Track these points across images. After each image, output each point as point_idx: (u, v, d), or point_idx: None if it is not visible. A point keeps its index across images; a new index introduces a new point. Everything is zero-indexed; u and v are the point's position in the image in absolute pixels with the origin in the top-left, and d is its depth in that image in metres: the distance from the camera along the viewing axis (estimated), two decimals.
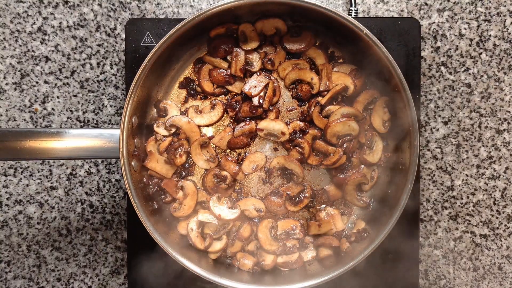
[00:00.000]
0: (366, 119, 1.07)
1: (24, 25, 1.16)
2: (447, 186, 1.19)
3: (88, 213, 1.20)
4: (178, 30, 0.94)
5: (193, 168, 1.09)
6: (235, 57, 1.06)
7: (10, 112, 1.17)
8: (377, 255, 1.05)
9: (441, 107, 1.18)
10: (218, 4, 0.94)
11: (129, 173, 0.96)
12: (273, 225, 1.07)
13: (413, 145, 0.96)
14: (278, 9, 1.01)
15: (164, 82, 1.08)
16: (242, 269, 1.06)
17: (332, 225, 1.08)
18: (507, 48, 1.17)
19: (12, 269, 1.20)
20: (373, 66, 1.01)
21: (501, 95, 1.17)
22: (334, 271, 0.97)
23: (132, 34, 1.07)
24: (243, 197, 1.09)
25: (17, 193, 1.18)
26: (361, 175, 1.07)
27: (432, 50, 1.17)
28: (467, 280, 1.20)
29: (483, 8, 1.17)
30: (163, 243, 0.97)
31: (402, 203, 0.96)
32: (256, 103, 1.05)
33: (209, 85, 1.09)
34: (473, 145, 1.18)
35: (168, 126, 1.05)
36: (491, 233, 1.19)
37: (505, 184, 1.18)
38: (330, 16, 0.94)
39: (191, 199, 1.06)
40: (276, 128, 1.06)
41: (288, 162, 1.06)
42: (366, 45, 0.96)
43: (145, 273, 1.10)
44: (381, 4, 1.17)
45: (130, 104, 0.95)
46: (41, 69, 1.17)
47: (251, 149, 1.10)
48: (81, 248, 1.20)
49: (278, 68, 1.08)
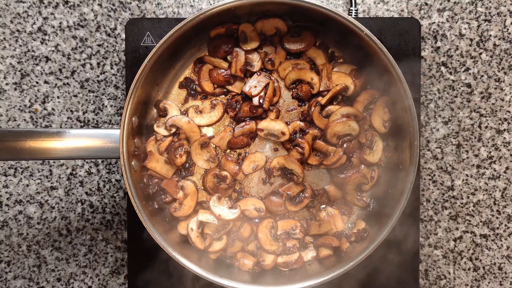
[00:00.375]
0: (366, 119, 1.07)
1: (24, 25, 1.16)
2: (447, 186, 1.19)
3: (88, 213, 1.20)
4: (178, 30, 0.94)
5: (193, 168, 1.09)
6: (235, 57, 1.06)
7: (10, 112, 1.17)
8: (377, 255, 1.05)
9: (441, 107, 1.18)
10: (218, 4, 0.94)
11: (129, 173, 0.96)
12: (273, 225, 1.07)
13: (413, 145, 0.96)
14: (278, 9, 1.01)
15: (164, 82, 1.08)
16: (242, 269, 1.06)
17: (332, 225, 1.08)
18: (507, 48, 1.17)
19: (12, 269, 1.20)
20: (373, 66, 1.01)
21: (501, 95, 1.17)
22: (334, 271, 0.97)
23: (132, 34, 1.07)
24: (243, 197, 1.09)
25: (17, 193, 1.18)
26: (361, 175, 1.07)
27: (432, 50, 1.17)
28: (467, 280, 1.20)
29: (483, 8, 1.17)
30: (163, 243, 0.97)
31: (402, 203, 0.96)
32: (256, 103, 1.05)
33: (209, 85, 1.09)
34: (473, 145, 1.18)
35: (168, 126, 1.05)
36: (491, 233, 1.19)
37: (505, 184, 1.18)
38: (330, 16, 0.94)
39: (191, 199, 1.06)
40: (276, 128, 1.06)
41: (288, 162, 1.06)
42: (366, 45, 0.95)
43: (145, 273, 1.10)
44: (381, 4, 1.17)
45: (130, 104, 0.95)
46: (41, 69, 1.17)
47: (251, 149, 1.10)
48: (81, 248, 1.20)
49: (278, 68, 1.08)
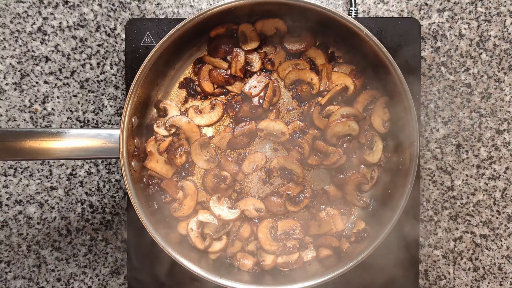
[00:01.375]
0: (366, 119, 1.07)
1: (24, 25, 1.16)
2: (447, 186, 1.19)
3: (88, 213, 1.20)
4: (178, 30, 0.94)
5: (193, 168, 1.09)
6: (235, 57, 1.06)
7: (10, 112, 1.17)
8: (377, 255, 1.05)
9: (441, 107, 1.18)
10: (218, 4, 0.94)
11: (129, 173, 0.96)
12: (273, 225, 1.07)
13: (413, 145, 0.96)
14: (278, 9, 1.01)
15: (164, 82, 1.08)
16: (242, 269, 1.06)
17: (332, 225, 1.08)
18: (507, 48, 1.17)
19: (12, 269, 1.20)
20: (373, 66, 1.01)
21: (501, 95, 1.17)
22: (334, 271, 0.97)
23: (132, 34, 1.07)
24: (243, 197, 1.09)
25: (17, 193, 1.18)
26: (361, 175, 1.07)
27: (432, 50, 1.17)
28: (467, 280, 1.20)
29: (483, 8, 1.17)
30: (163, 243, 0.97)
31: (402, 203, 0.96)
32: (256, 103, 1.05)
33: (209, 85, 1.09)
34: (473, 145, 1.18)
35: (168, 126, 1.05)
36: (491, 233, 1.19)
37: (505, 184, 1.18)
38: (330, 16, 0.94)
39: (191, 199, 1.06)
40: (276, 128, 1.06)
41: (288, 162, 1.06)
42: (366, 45, 0.96)
43: (145, 273, 1.10)
44: (381, 4, 1.17)
45: (130, 104, 0.95)
46: (41, 69, 1.17)
47: (251, 149, 1.10)
48: (81, 248, 1.20)
49: (278, 68, 1.08)
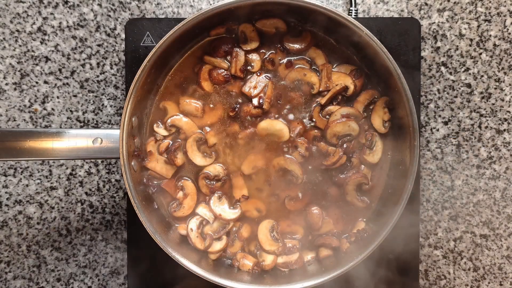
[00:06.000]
0: (366, 119, 1.07)
1: (24, 25, 1.16)
2: (447, 186, 1.19)
3: (88, 213, 1.20)
4: (178, 30, 0.94)
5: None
6: (235, 57, 1.06)
7: (10, 112, 1.17)
8: (377, 255, 1.05)
9: (441, 107, 1.18)
10: (218, 4, 0.94)
11: (129, 173, 0.96)
12: (273, 225, 1.07)
13: (413, 145, 0.96)
14: (278, 9, 1.01)
15: (164, 82, 1.08)
16: (242, 270, 1.06)
17: (332, 225, 1.08)
18: (507, 48, 1.17)
19: (12, 269, 1.20)
20: (373, 66, 1.01)
21: (501, 95, 1.17)
22: (334, 271, 0.97)
23: (132, 34, 1.07)
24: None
25: (17, 193, 1.18)
26: (361, 175, 1.07)
27: (432, 50, 1.17)
28: (467, 280, 1.20)
29: (483, 8, 1.17)
30: (163, 243, 0.97)
31: (402, 203, 0.96)
32: (256, 103, 1.05)
33: (209, 85, 1.08)
34: (473, 145, 1.18)
35: (168, 126, 1.05)
36: (491, 233, 1.19)
37: (505, 184, 1.18)
38: (330, 16, 0.94)
39: (191, 199, 1.06)
40: (276, 128, 1.06)
41: (288, 163, 1.06)
42: (366, 45, 0.95)
43: (145, 273, 1.10)
44: (381, 4, 1.17)
45: (130, 104, 0.95)
46: (41, 69, 1.17)
47: (251, 149, 1.10)
48: (81, 248, 1.20)
49: (278, 68, 1.08)
